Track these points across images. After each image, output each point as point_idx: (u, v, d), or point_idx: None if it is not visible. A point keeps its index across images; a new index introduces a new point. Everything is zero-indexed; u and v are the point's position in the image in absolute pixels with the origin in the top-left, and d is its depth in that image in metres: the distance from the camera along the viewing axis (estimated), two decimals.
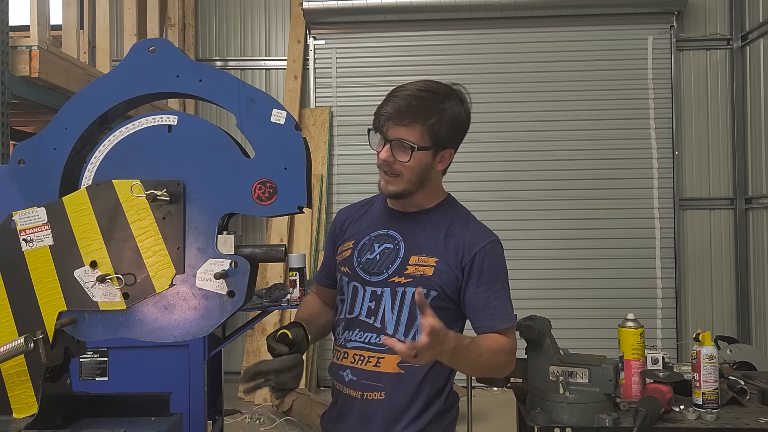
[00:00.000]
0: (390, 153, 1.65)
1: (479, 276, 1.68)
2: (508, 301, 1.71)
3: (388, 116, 1.65)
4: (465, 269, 1.68)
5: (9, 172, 1.43)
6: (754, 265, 5.84)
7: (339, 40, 6.31)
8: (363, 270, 1.74)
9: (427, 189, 1.74)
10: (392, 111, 1.64)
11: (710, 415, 2.05)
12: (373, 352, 1.68)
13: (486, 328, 1.67)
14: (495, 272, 1.69)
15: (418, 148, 1.64)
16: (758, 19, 5.71)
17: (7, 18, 3.49)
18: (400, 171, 1.66)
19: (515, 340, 1.71)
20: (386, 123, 1.65)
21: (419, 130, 1.64)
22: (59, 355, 1.41)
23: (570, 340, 4.01)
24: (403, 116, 1.63)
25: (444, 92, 1.69)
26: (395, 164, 1.65)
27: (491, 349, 1.62)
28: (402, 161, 1.65)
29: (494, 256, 1.70)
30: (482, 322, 1.68)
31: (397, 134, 1.64)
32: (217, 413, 3.40)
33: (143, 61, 1.44)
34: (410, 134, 1.64)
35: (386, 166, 1.67)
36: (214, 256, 1.39)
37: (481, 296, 1.67)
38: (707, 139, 6.09)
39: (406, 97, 1.65)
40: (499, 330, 1.67)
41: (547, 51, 6.13)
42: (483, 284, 1.68)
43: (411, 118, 1.63)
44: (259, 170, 1.41)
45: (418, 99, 1.65)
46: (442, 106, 1.67)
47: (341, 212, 1.92)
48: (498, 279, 1.70)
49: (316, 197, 5.99)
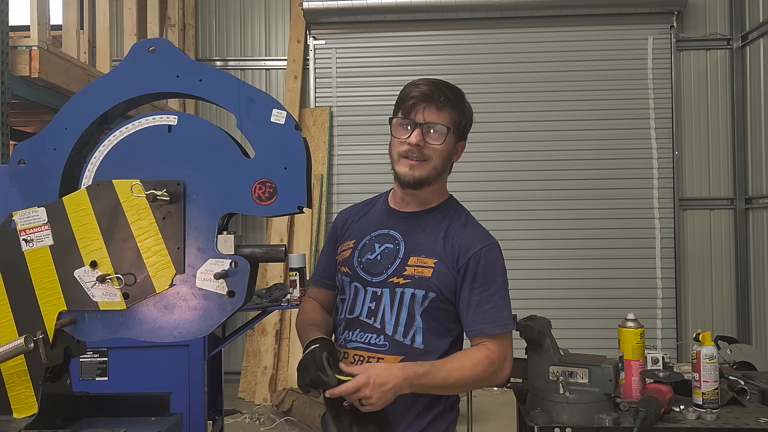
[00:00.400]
0: (421, 137, 1.66)
1: (473, 279, 1.68)
2: (505, 306, 1.69)
3: (422, 97, 1.66)
4: (461, 271, 1.68)
5: (9, 172, 1.43)
6: (754, 265, 5.84)
7: (339, 40, 6.31)
8: (364, 270, 1.74)
9: (441, 181, 1.76)
10: (427, 92, 1.66)
11: (710, 415, 2.05)
12: (373, 352, 1.69)
13: (475, 332, 1.67)
14: (490, 276, 1.68)
15: (452, 130, 1.68)
16: (758, 19, 5.71)
17: (7, 18, 3.49)
18: (429, 155, 1.68)
19: (507, 347, 1.69)
20: (419, 106, 1.67)
21: (450, 115, 1.69)
22: (59, 355, 1.41)
23: (570, 340, 4.01)
24: (437, 100, 1.66)
25: (459, 90, 1.75)
26: (425, 148, 1.67)
27: (463, 367, 1.62)
28: (434, 144, 1.67)
29: (490, 260, 1.69)
30: (472, 326, 1.68)
31: (430, 118, 1.66)
32: (217, 413, 3.39)
33: (143, 61, 1.44)
34: (443, 118, 1.68)
35: (415, 152, 1.67)
36: (214, 256, 1.39)
37: (474, 300, 1.67)
38: (707, 139, 6.09)
39: (435, 84, 1.69)
40: (489, 335, 1.66)
41: (547, 51, 6.13)
42: (477, 287, 1.67)
43: (445, 102, 1.67)
44: (259, 170, 1.41)
45: (447, 86, 1.70)
46: (462, 99, 1.73)
47: (342, 213, 1.92)
48: (493, 283, 1.68)
49: (316, 197, 5.99)
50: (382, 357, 1.68)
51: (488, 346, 1.66)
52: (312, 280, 1.95)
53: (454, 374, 1.61)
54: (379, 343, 1.69)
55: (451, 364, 1.62)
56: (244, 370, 5.81)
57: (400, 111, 1.70)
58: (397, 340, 1.68)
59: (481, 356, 1.64)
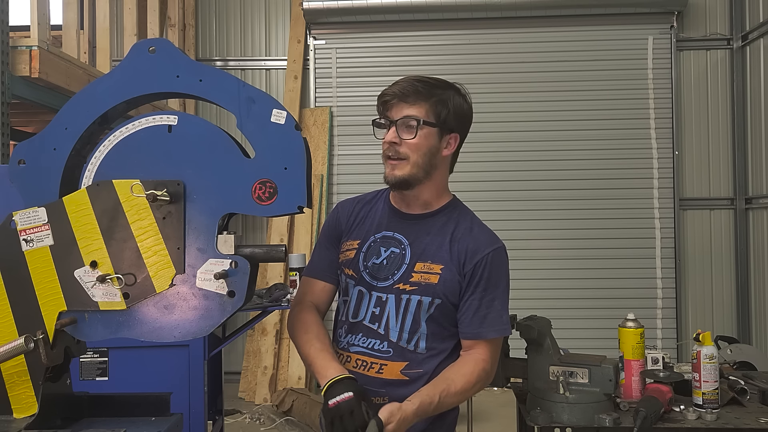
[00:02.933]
0: (396, 134, 1.65)
1: (477, 284, 1.67)
2: (504, 311, 1.69)
3: (392, 95, 1.66)
4: (466, 276, 1.68)
5: (9, 172, 1.43)
6: (754, 265, 5.84)
7: (339, 40, 6.31)
8: (369, 275, 1.72)
9: (434, 180, 1.72)
10: (397, 91, 1.66)
11: (710, 415, 2.05)
12: (377, 358, 1.68)
13: (472, 335, 1.67)
14: (494, 281, 1.68)
15: (424, 122, 1.65)
16: (758, 19, 5.71)
17: (7, 18, 3.49)
18: (405, 153, 1.65)
19: (497, 351, 1.71)
20: (390, 104, 1.66)
21: (424, 107, 1.66)
22: (59, 355, 1.40)
23: (570, 340, 4.01)
24: (407, 95, 1.65)
25: (443, 83, 1.72)
26: (401, 146, 1.65)
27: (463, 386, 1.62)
28: (408, 139, 1.64)
29: (496, 265, 1.69)
30: (469, 329, 1.67)
31: (402, 113, 1.65)
32: (217, 413, 3.40)
33: (143, 61, 1.44)
34: (415, 111, 1.66)
35: (391, 150, 1.66)
36: (215, 256, 1.39)
37: (474, 303, 1.67)
38: (707, 139, 6.09)
39: (409, 80, 1.68)
40: (486, 338, 1.66)
41: (547, 51, 6.13)
42: (479, 292, 1.67)
43: (416, 96, 1.65)
44: (259, 170, 1.41)
45: (420, 81, 1.68)
46: (444, 91, 1.70)
47: (344, 206, 1.86)
48: (496, 288, 1.68)
49: (316, 197, 5.99)
50: (386, 363, 1.67)
51: (480, 353, 1.66)
52: (313, 273, 1.83)
53: (460, 392, 1.62)
54: (383, 349, 1.68)
55: (454, 386, 1.61)
56: (244, 370, 5.81)
57: (378, 111, 1.71)
58: (401, 347, 1.68)
59: (479, 371, 1.65)
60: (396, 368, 1.67)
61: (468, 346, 1.69)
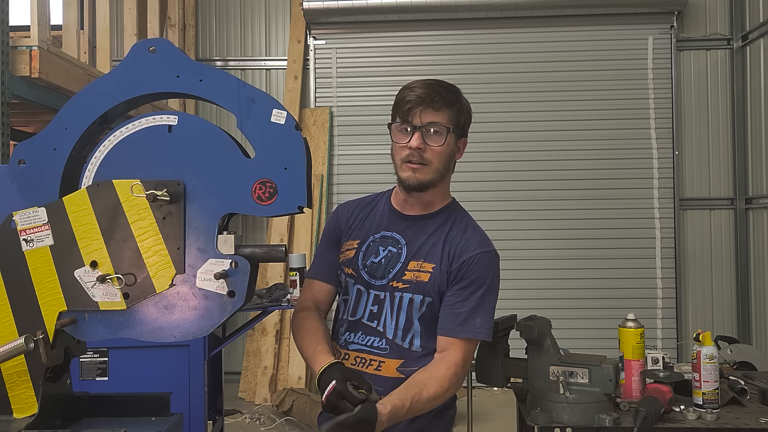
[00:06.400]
0: (421, 140, 1.65)
1: (458, 282, 1.67)
2: (482, 314, 1.66)
3: (418, 101, 1.65)
4: (451, 274, 1.68)
5: (9, 172, 1.43)
6: (754, 265, 5.84)
7: (339, 40, 6.31)
8: (368, 273, 1.74)
9: (444, 183, 1.75)
10: (423, 95, 1.65)
11: (710, 415, 2.05)
12: (375, 355, 1.70)
13: (443, 332, 1.66)
14: (476, 282, 1.67)
15: (452, 130, 1.66)
16: (758, 19, 5.71)
17: (7, 18, 3.49)
18: (429, 159, 1.66)
19: (468, 354, 1.68)
20: (416, 109, 1.65)
21: (447, 114, 1.67)
22: (59, 355, 1.40)
23: (570, 340, 4.02)
24: (433, 101, 1.65)
25: (456, 88, 1.74)
26: (426, 151, 1.65)
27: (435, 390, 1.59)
28: (434, 146, 1.65)
29: (482, 267, 1.68)
30: (442, 325, 1.67)
31: (428, 119, 1.65)
32: (217, 413, 3.39)
33: (143, 61, 1.44)
34: (441, 118, 1.66)
35: (416, 155, 1.66)
36: (215, 256, 1.39)
37: (450, 300, 1.67)
38: (707, 139, 6.09)
39: (430, 85, 1.68)
40: (458, 337, 1.65)
41: (547, 51, 6.13)
42: (459, 290, 1.67)
43: (441, 102, 1.66)
44: (259, 170, 1.40)
45: (442, 86, 1.69)
46: (459, 97, 1.72)
47: (344, 208, 1.89)
48: (477, 289, 1.67)
49: (316, 197, 5.99)
50: (383, 360, 1.69)
51: (453, 355, 1.64)
52: (315, 275, 1.86)
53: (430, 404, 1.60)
54: (381, 346, 1.71)
55: (426, 393, 1.58)
56: (244, 370, 5.81)
57: (398, 116, 1.69)
58: (397, 344, 1.70)
59: (451, 375, 1.62)
60: (393, 366, 1.69)
61: (442, 347, 1.67)
